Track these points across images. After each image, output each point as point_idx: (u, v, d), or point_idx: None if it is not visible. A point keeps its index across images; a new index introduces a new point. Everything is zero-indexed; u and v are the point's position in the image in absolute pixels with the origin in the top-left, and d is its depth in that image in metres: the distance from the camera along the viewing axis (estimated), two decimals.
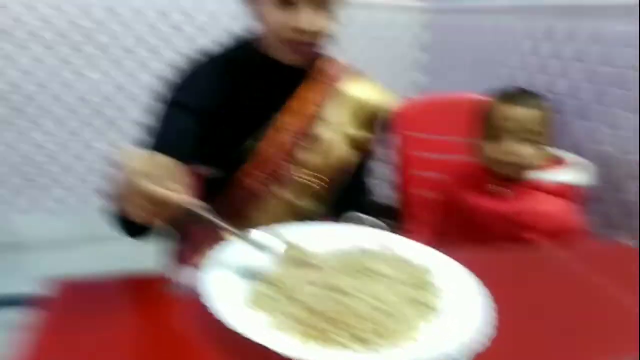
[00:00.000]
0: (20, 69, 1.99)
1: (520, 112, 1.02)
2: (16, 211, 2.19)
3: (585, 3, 1.35)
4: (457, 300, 0.60)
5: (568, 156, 1.13)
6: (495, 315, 0.57)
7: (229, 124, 0.93)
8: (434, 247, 0.72)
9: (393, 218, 1.08)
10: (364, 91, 1.02)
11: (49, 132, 2.11)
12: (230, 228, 0.65)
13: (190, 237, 0.98)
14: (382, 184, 1.27)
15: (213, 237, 0.65)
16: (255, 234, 0.67)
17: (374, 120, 1.03)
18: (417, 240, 0.73)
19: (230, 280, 0.60)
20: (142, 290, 0.68)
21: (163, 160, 0.64)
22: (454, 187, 1.17)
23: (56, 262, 1.96)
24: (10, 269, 2.10)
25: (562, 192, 1.05)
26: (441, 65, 2.25)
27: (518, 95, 1.06)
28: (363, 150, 1.04)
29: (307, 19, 0.86)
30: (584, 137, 1.36)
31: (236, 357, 0.52)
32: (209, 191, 0.80)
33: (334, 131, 0.98)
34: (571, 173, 1.07)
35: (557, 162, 1.10)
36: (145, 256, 1.03)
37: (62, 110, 2.09)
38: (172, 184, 0.61)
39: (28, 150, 2.11)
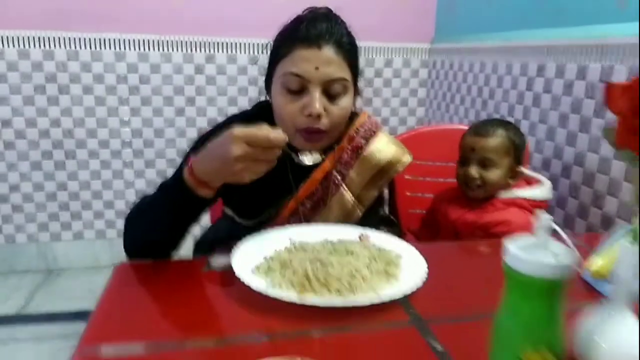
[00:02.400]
0: (61, 107, 2.26)
1: (481, 142, 1.21)
2: (49, 235, 2.41)
3: (572, 43, 1.52)
4: (412, 272, 0.77)
5: (536, 175, 1.29)
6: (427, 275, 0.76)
7: (248, 191, 0.89)
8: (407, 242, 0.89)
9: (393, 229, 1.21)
10: (385, 151, 1.00)
11: (83, 163, 2.36)
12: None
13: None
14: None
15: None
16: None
17: (390, 176, 1.03)
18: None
19: (249, 259, 0.78)
20: (185, 270, 0.84)
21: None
22: (439, 203, 1.35)
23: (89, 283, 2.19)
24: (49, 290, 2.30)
25: (528, 205, 1.21)
26: (440, 101, 2.47)
27: (483, 126, 1.25)
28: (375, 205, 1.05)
29: (319, 102, 0.86)
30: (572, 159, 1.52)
31: (257, 311, 0.69)
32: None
33: (351, 193, 0.99)
34: (536, 190, 1.24)
35: (527, 180, 1.27)
36: None
37: (95, 145, 2.34)
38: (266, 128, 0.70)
39: (63, 179, 2.36)
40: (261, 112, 0.98)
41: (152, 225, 0.84)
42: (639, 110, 0.47)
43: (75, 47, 2.20)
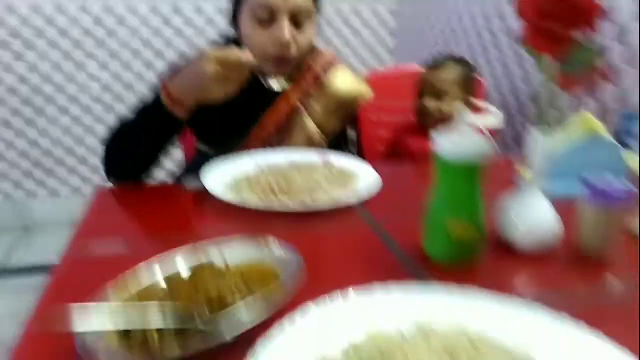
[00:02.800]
0: (26, 65, 2.24)
1: (435, 75, 1.29)
2: (24, 193, 2.43)
3: None
4: (367, 185, 0.86)
5: (487, 105, 1.38)
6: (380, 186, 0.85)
7: (218, 118, 0.99)
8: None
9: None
10: (344, 83, 1.08)
11: (52, 120, 2.35)
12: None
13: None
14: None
15: None
16: None
17: (351, 109, 1.11)
18: None
19: (219, 180, 0.86)
20: (162, 193, 0.91)
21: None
22: (400, 137, 1.44)
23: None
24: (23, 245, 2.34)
25: (481, 133, 1.31)
26: (407, 47, 2.53)
27: (438, 62, 1.32)
28: (338, 135, 1.13)
29: (288, 30, 0.91)
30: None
31: (228, 220, 0.77)
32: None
33: (312, 122, 1.06)
34: (488, 118, 1.33)
35: (478, 110, 1.37)
36: None
37: (64, 100, 2.34)
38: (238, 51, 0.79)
39: (34, 137, 2.36)
40: (228, 45, 1.03)
41: (131, 145, 0.90)
42: (546, 14, 0.55)
43: (38, 1, 2.16)
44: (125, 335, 0.43)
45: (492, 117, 1.34)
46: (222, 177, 0.87)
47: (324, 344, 0.43)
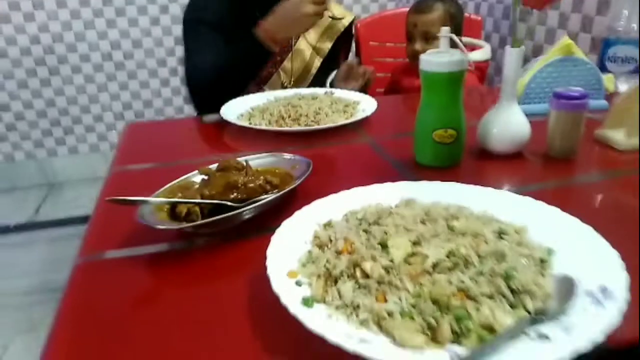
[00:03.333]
0: (37, 25, 2.31)
1: (422, 18, 1.35)
2: (46, 151, 2.56)
3: None
4: (365, 110, 0.96)
5: (476, 41, 1.45)
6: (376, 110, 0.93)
7: (235, 37, 1.14)
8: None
9: None
10: (331, 11, 1.32)
11: (67, 79, 2.45)
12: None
13: None
14: None
15: None
16: None
17: (338, 32, 1.34)
18: None
19: (234, 110, 0.96)
20: (184, 126, 1.03)
21: None
22: (396, 76, 1.52)
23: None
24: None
25: (472, 67, 1.39)
26: None
27: (422, 2, 1.38)
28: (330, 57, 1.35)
29: None
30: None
31: (242, 143, 0.88)
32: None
33: (307, 45, 1.30)
34: (477, 53, 1.41)
35: (470, 47, 1.44)
36: None
37: (77, 60, 2.43)
38: None
39: (50, 97, 2.46)
40: None
41: (231, 74, 1.09)
42: None
43: None
44: (172, 211, 0.55)
45: (482, 51, 1.41)
46: (237, 107, 0.98)
47: (330, 215, 0.54)
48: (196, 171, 0.64)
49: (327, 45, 1.34)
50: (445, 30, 0.68)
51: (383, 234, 0.47)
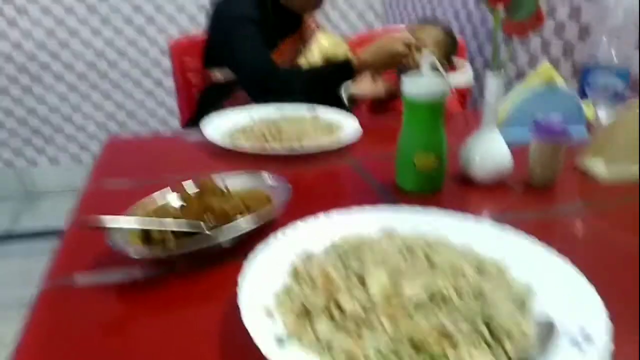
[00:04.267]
0: (20, 32, 2.28)
1: (416, 34, 1.36)
2: (25, 161, 2.51)
3: None
4: (349, 133, 0.95)
5: (460, 61, 1.47)
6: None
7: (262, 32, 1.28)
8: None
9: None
10: (328, 41, 1.46)
11: (50, 87, 2.41)
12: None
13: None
14: None
15: None
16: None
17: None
18: None
19: (218, 131, 0.95)
20: (167, 142, 1.01)
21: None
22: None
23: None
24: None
25: (454, 91, 1.40)
26: (395, 13, 2.59)
27: (416, 24, 1.40)
28: None
29: None
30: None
31: (223, 163, 0.87)
32: None
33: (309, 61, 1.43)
34: (459, 78, 1.42)
35: (453, 68, 1.46)
36: None
37: (60, 68, 2.39)
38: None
39: (32, 105, 2.42)
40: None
41: (315, 86, 1.23)
42: None
43: None
44: (146, 235, 0.53)
45: (462, 77, 1.43)
46: (220, 128, 0.96)
47: (310, 246, 0.53)
48: (168, 188, 0.63)
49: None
50: (428, 53, 0.68)
51: (361, 268, 0.46)
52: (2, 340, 1.51)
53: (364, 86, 1.38)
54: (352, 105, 1.39)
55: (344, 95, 1.36)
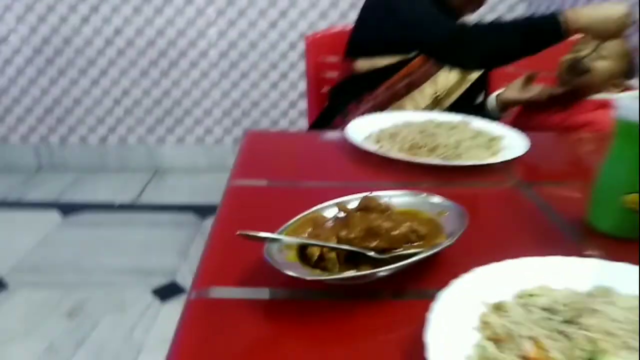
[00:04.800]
0: (166, 20, 2.43)
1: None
2: (155, 138, 2.68)
3: None
4: (512, 147, 0.82)
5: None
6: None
7: None
8: None
9: None
10: None
11: (185, 72, 2.55)
12: None
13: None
14: None
15: None
16: None
17: None
18: None
19: (360, 132, 0.87)
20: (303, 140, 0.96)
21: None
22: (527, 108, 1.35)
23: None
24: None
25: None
26: None
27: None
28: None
29: None
30: None
31: (368, 170, 0.79)
32: None
33: None
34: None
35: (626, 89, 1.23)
36: None
37: (196, 55, 2.51)
38: None
39: (168, 87, 2.58)
40: None
41: (509, 43, 1.07)
42: None
43: None
44: (301, 249, 0.46)
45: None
46: (363, 130, 0.89)
47: (495, 291, 0.43)
48: (331, 202, 0.56)
49: None
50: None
51: (590, 342, 0.35)
52: (122, 305, 1.62)
53: (514, 90, 1.21)
54: (502, 113, 1.23)
55: (492, 101, 1.21)
